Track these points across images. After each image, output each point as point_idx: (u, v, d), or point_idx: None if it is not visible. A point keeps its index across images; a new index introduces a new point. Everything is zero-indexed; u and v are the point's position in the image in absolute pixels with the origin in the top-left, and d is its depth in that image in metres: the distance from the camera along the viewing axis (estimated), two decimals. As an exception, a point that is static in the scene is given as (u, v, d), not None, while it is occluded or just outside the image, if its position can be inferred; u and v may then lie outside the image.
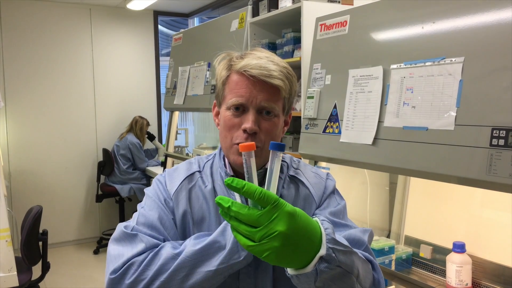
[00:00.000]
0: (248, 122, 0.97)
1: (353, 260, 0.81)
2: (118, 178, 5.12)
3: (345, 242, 0.81)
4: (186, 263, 0.89)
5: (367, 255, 0.96)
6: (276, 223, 0.69)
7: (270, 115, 1.00)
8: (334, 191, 1.14)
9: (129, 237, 0.96)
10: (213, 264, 0.88)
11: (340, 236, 0.83)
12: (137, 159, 5.14)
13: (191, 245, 0.91)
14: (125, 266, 0.91)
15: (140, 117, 5.32)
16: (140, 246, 0.93)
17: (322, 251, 0.74)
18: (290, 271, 0.76)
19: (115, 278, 0.91)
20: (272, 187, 0.77)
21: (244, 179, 0.75)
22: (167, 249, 0.92)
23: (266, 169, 1.05)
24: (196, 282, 0.89)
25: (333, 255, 0.75)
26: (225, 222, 0.89)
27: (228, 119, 1.01)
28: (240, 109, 1.00)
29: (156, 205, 1.03)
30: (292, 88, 1.04)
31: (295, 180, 1.11)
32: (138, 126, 5.25)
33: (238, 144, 0.99)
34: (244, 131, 0.98)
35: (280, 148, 0.78)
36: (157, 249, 0.93)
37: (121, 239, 0.97)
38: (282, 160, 1.14)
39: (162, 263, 0.90)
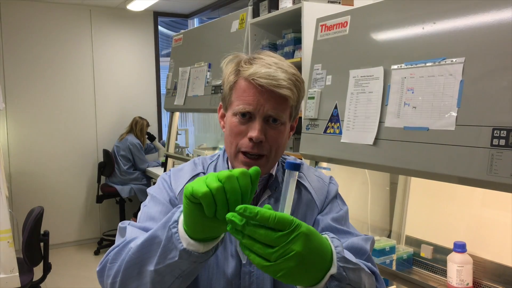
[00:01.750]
0: (255, 131, 0.96)
1: (361, 276, 0.81)
2: (118, 178, 5.12)
3: (354, 259, 0.81)
4: (133, 260, 0.83)
5: (370, 266, 0.97)
6: (293, 244, 0.68)
7: (276, 123, 0.99)
8: (337, 196, 1.14)
9: (120, 230, 0.96)
10: (153, 263, 0.80)
11: (348, 253, 0.82)
12: (137, 160, 5.15)
13: (141, 237, 0.84)
14: (105, 259, 0.90)
15: (140, 117, 5.32)
16: (123, 238, 0.91)
17: (333, 270, 0.74)
18: None
19: (98, 271, 0.91)
20: (286, 208, 0.75)
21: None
22: (136, 240, 0.86)
23: (270, 174, 1.06)
24: (151, 284, 0.81)
25: (344, 273, 0.75)
26: (172, 212, 0.80)
27: (234, 126, 1.00)
28: (246, 116, 0.98)
29: (160, 203, 1.03)
30: (300, 95, 1.03)
31: (298, 184, 1.10)
32: (138, 127, 5.25)
33: (243, 152, 0.99)
34: (250, 139, 0.97)
35: (296, 167, 0.76)
36: (131, 239, 0.89)
37: (117, 235, 0.98)
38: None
39: (122, 258, 0.86)
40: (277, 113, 0.98)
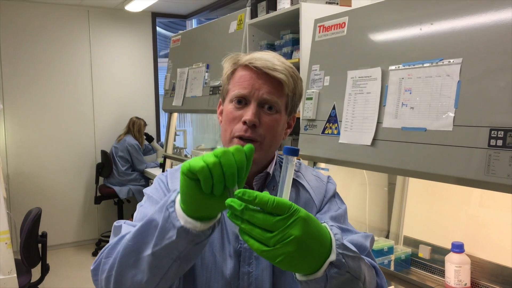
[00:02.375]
0: (249, 113, 0.98)
1: (361, 266, 0.81)
2: (116, 180, 5.12)
3: (353, 248, 0.81)
4: (129, 248, 0.82)
5: (370, 261, 0.96)
6: (291, 228, 0.68)
7: (271, 110, 1.01)
8: (335, 195, 1.14)
9: (115, 229, 0.96)
10: (150, 246, 0.79)
11: (347, 242, 0.82)
12: (136, 161, 5.14)
13: (136, 226, 0.84)
14: (99, 257, 0.89)
15: (137, 117, 5.31)
16: (118, 236, 0.90)
17: (332, 257, 0.74)
18: (299, 276, 0.75)
19: (92, 269, 0.90)
20: (285, 193, 0.76)
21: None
22: (132, 230, 0.85)
23: (267, 173, 1.06)
24: (148, 270, 0.80)
25: (343, 260, 0.75)
26: (167, 196, 0.80)
27: (229, 112, 1.02)
28: (242, 102, 1.00)
29: (156, 203, 1.03)
30: (296, 87, 1.04)
31: (295, 183, 1.11)
32: (136, 128, 5.24)
33: (237, 137, 0.99)
34: (244, 123, 0.98)
35: (294, 153, 0.77)
36: (126, 233, 0.87)
37: (111, 234, 0.97)
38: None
39: (117, 250, 0.84)
40: (272, 97, 1.00)
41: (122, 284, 0.83)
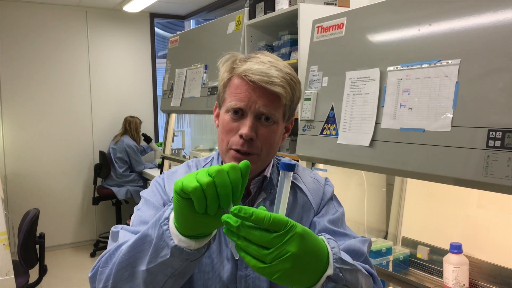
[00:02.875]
0: (245, 128, 0.96)
1: (358, 278, 0.81)
2: (114, 181, 5.11)
3: (350, 260, 0.80)
4: (124, 261, 0.81)
5: (367, 268, 0.96)
6: (288, 245, 0.67)
7: (269, 122, 0.99)
8: (333, 198, 1.13)
9: (113, 235, 0.95)
10: (145, 262, 0.78)
11: (345, 254, 0.82)
12: (134, 162, 5.13)
13: (132, 238, 0.83)
14: (97, 264, 0.90)
15: (131, 116, 5.28)
16: (116, 243, 0.90)
17: (330, 271, 0.73)
18: None
19: (90, 277, 0.90)
20: (281, 209, 0.75)
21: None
22: (128, 241, 0.84)
23: (264, 176, 1.06)
24: (143, 285, 0.80)
25: (340, 274, 0.74)
26: (162, 210, 0.80)
27: (226, 123, 1.00)
28: (239, 113, 0.98)
29: (154, 206, 1.02)
30: (294, 95, 1.02)
31: (293, 186, 1.10)
32: (133, 127, 5.22)
33: (234, 149, 0.98)
34: (241, 136, 0.97)
35: (291, 168, 0.76)
36: (123, 242, 0.87)
37: (109, 240, 0.97)
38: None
39: (114, 261, 0.84)
40: (269, 110, 0.97)
41: None
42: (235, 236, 0.69)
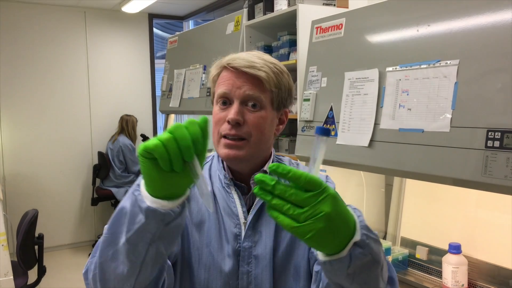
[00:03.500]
0: (231, 113, 0.99)
1: (380, 250, 0.81)
2: (113, 182, 5.10)
3: (375, 231, 0.81)
4: (107, 240, 0.81)
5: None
6: (322, 204, 0.68)
7: (255, 108, 1.01)
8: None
9: (104, 231, 0.96)
10: (124, 234, 0.78)
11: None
12: (129, 162, 5.11)
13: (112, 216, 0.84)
14: (88, 261, 0.90)
15: (127, 115, 5.28)
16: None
17: (357, 237, 0.73)
18: (322, 257, 0.75)
19: (84, 273, 0.90)
20: (315, 171, 0.75)
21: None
22: None
23: (264, 171, 1.06)
24: (126, 259, 0.79)
25: (367, 241, 0.74)
26: (135, 183, 0.80)
27: (215, 114, 1.03)
28: (227, 103, 1.02)
29: None
30: (280, 82, 1.04)
31: None
32: (130, 126, 5.21)
33: (224, 136, 1.00)
34: (228, 122, 0.99)
35: (325, 132, 0.76)
36: None
37: None
38: (281, 162, 1.14)
39: (99, 247, 0.84)
40: (254, 93, 1.00)
41: (106, 280, 0.82)
42: (269, 195, 0.69)
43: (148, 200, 0.74)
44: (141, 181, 0.78)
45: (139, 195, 0.76)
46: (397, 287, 0.94)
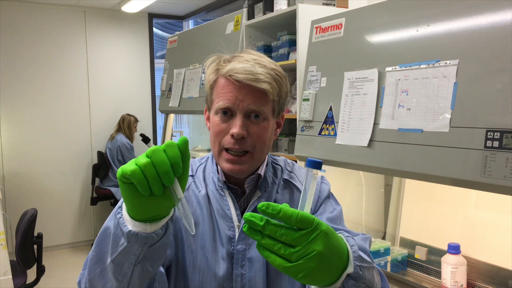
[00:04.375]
0: (236, 127, 0.96)
1: (374, 275, 0.81)
2: (113, 182, 5.10)
3: (367, 258, 0.80)
4: (94, 258, 0.82)
5: (377, 267, 0.96)
6: (314, 243, 0.67)
7: (258, 119, 0.98)
8: (330, 196, 1.13)
9: None
10: (109, 254, 0.78)
11: (362, 252, 0.81)
12: (127, 161, 5.10)
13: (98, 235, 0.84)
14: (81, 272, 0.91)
15: (128, 114, 5.29)
16: None
17: (350, 269, 0.73)
18: None
19: (78, 282, 0.91)
20: (306, 207, 0.73)
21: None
22: None
23: (259, 174, 1.06)
24: (113, 278, 0.80)
25: (360, 272, 0.74)
26: (118, 205, 0.79)
27: (216, 124, 1.00)
28: (228, 114, 0.98)
29: None
30: (281, 90, 1.01)
31: (289, 185, 1.10)
32: (125, 124, 5.21)
33: (226, 149, 0.98)
34: (232, 136, 0.97)
35: (317, 166, 0.74)
36: None
37: None
38: (275, 164, 1.13)
39: (88, 263, 0.85)
40: (258, 107, 0.97)
41: None
42: (259, 235, 0.68)
43: (130, 224, 0.74)
44: (123, 204, 0.77)
45: (121, 218, 0.75)
46: None
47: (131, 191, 0.70)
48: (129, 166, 0.68)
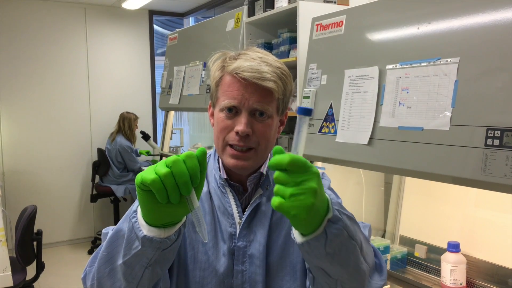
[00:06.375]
0: (241, 124, 0.96)
1: (356, 229, 0.82)
2: (113, 180, 5.09)
3: (349, 213, 0.82)
4: (103, 258, 0.85)
5: (367, 237, 0.97)
6: (309, 181, 0.70)
7: (263, 117, 0.99)
8: (330, 189, 1.13)
9: (103, 236, 0.96)
10: (121, 256, 0.81)
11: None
12: (128, 162, 5.09)
13: (109, 235, 0.86)
14: (87, 265, 0.93)
15: (127, 112, 5.23)
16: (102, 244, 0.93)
17: (330, 214, 0.75)
18: (300, 239, 0.76)
19: (82, 278, 0.93)
20: (299, 151, 0.76)
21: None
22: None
23: (261, 173, 1.06)
24: (123, 278, 0.82)
25: (340, 216, 0.76)
26: (132, 205, 0.83)
27: (221, 121, 1.00)
28: (233, 111, 0.99)
29: None
30: (286, 88, 1.02)
31: None
32: (126, 124, 5.13)
33: (231, 145, 0.99)
34: (237, 133, 0.97)
35: (307, 112, 0.77)
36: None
37: (102, 241, 0.98)
38: None
39: (97, 259, 0.87)
40: (263, 106, 0.98)
41: None
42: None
43: (145, 229, 0.77)
44: (138, 208, 0.79)
45: (136, 222, 0.78)
46: (384, 274, 0.95)
47: (149, 198, 0.73)
48: (149, 174, 0.71)
